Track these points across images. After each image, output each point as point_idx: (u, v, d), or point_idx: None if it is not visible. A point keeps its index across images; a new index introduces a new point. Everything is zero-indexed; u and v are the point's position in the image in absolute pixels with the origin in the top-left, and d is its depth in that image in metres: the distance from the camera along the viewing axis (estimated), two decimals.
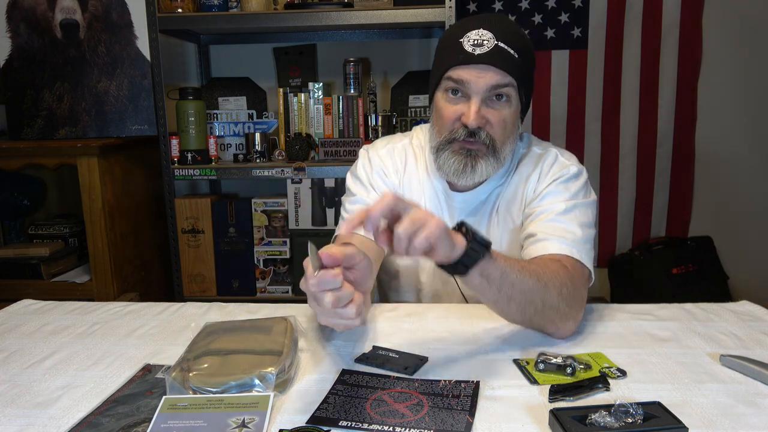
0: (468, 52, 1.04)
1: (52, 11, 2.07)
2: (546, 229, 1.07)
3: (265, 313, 1.11)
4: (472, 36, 1.04)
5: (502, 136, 1.08)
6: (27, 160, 2.02)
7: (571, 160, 1.18)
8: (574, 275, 0.99)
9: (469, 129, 1.05)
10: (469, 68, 1.04)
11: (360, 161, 1.27)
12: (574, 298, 0.96)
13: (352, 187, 1.26)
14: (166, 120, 2.11)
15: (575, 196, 1.13)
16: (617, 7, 2.54)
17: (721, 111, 2.63)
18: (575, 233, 1.06)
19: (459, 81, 1.05)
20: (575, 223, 1.08)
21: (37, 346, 0.99)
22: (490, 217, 1.19)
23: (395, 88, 2.38)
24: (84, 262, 2.18)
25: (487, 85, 1.04)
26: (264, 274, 2.28)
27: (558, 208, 1.10)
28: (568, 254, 1.02)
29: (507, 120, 1.07)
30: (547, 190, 1.14)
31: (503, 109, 1.07)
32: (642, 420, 0.69)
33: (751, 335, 0.99)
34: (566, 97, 2.61)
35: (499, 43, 1.03)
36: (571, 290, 0.96)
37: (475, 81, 1.04)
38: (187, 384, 0.78)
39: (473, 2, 2.55)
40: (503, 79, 1.04)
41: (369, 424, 0.72)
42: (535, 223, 1.10)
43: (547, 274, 0.95)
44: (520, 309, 0.94)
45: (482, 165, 1.08)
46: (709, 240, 2.71)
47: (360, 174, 1.25)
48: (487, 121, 1.06)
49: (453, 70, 1.06)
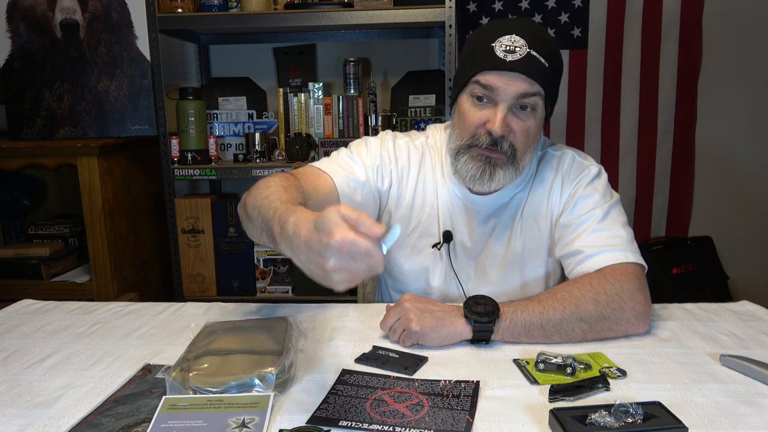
0: (499, 58, 1.02)
1: (52, 11, 2.07)
2: (594, 242, 1.07)
3: (265, 313, 1.11)
4: (504, 41, 1.02)
5: (524, 146, 1.07)
6: (27, 160, 2.02)
7: (589, 160, 1.19)
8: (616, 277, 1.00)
9: (493, 137, 1.04)
10: (500, 74, 1.02)
11: (378, 138, 1.24)
12: (619, 300, 0.97)
13: (357, 146, 1.22)
14: (166, 120, 2.11)
15: (605, 197, 1.13)
16: (617, 7, 2.53)
17: (721, 111, 2.63)
18: (622, 236, 1.08)
19: (487, 86, 1.03)
20: (618, 225, 1.09)
21: (37, 346, 0.99)
22: (513, 222, 1.18)
23: (395, 88, 2.38)
24: (84, 262, 2.18)
25: (516, 92, 1.02)
26: (264, 274, 2.28)
27: (596, 215, 1.10)
28: (623, 261, 1.03)
29: (531, 130, 1.06)
30: (577, 196, 1.13)
31: (528, 119, 1.05)
32: (642, 420, 0.69)
33: (751, 335, 0.99)
34: (566, 97, 2.61)
35: (531, 51, 1.02)
36: (612, 294, 0.97)
37: (504, 88, 1.02)
38: (187, 384, 0.78)
39: (473, 2, 2.55)
40: (532, 87, 1.02)
41: (369, 424, 0.72)
42: (580, 237, 1.09)
43: (575, 294, 0.97)
44: (566, 337, 0.96)
45: (500, 174, 1.07)
46: (709, 240, 2.71)
47: (372, 144, 1.21)
48: (511, 130, 1.05)
49: (482, 74, 1.04)
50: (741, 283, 2.69)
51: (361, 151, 1.20)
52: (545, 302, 0.97)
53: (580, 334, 0.96)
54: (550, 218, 1.17)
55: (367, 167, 1.19)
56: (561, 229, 1.14)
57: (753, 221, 2.70)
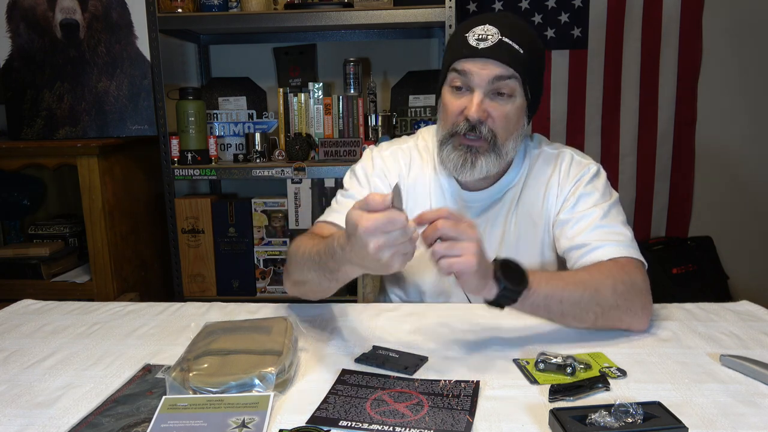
0: (472, 46, 1.06)
1: (52, 11, 2.07)
2: (596, 236, 1.08)
3: (265, 313, 1.11)
4: (477, 31, 1.07)
5: (504, 131, 1.09)
6: (27, 160, 2.02)
7: (588, 159, 1.20)
8: (630, 270, 1.02)
9: (471, 122, 1.06)
10: (473, 61, 1.06)
11: (362, 161, 1.28)
12: (632, 292, 0.99)
13: (348, 182, 1.27)
14: (166, 120, 2.11)
15: (605, 196, 1.15)
16: (617, 7, 2.53)
17: (721, 111, 2.62)
18: (624, 233, 1.09)
19: (462, 72, 1.06)
20: (619, 223, 1.11)
21: (37, 346, 0.99)
22: (507, 217, 1.19)
23: (395, 88, 2.38)
24: (84, 262, 2.18)
25: (489, 76, 1.05)
26: (264, 274, 2.28)
27: (597, 213, 1.11)
28: (626, 255, 1.05)
29: (510, 115, 1.08)
30: (576, 194, 1.14)
31: (506, 104, 1.07)
32: (642, 420, 0.69)
33: (751, 335, 0.99)
34: (566, 97, 2.61)
35: (503, 38, 1.05)
36: (628, 285, 0.99)
37: (477, 72, 1.05)
38: (187, 384, 0.78)
39: (473, 2, 2.55)
40: (505, 71, 1.05)
41: (369, 424, 0.72)
42: (582, 233, 1.10)
43: (596, 277, 0.98)
44: (578, 319, 0.97)
45: (482, 161, 1.09)
46: (709, 240, 2.71)
47: (358, 172, 1.26)
48: (489, 115, 1.07)
49: (458, 62, 1.07)
50: (741, 283, 2.69)
51: (353, 185, 1.25)
52: (567, 279, 0.98)
53: (591, 318, 0.97)
54: (546, 215, 1.18)
55: (363, 192, 1.21)
56: (560, 225, 1.15)
57: (753, 221, 2.70)
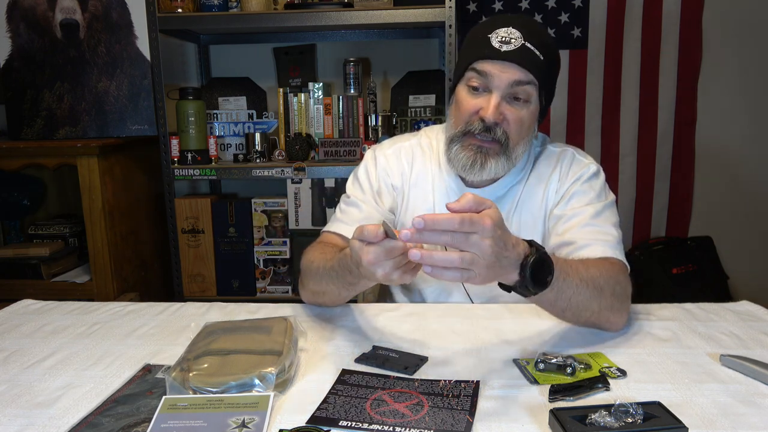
0: (495, 48, 1.05)
1: (52, 11, 2.07)
2: (585, 234, 1.08)
3: (265, 313, 1.11)
4: (500, 33, 1.06)
5: (517, 135, 1.09)
6: (27, 160, 2.01)
7: (589, 159, 1.20)
8: (619, 272, 1.03)
9: (486, 123, 1.06)
10: (495, 63, 1.05)
11: (364, 163, 1.28)
12: (623, 295, 1.00)
13: (350, 188, 1.27)
14: (166, 120, 2.11)
15: (600, 196, 1.15)
16: (617, 7, 2.53)
17: (721, 111, 2.62)
18: (613, 234, 1.09)
19: (482, 73, 1.06)
20: (609, 224, 1.11)
21: (37, 346, 0.99)
22: (509, 214, 1.20)
23: (395, 88, 2.38)
24: (84, 262, 2.18)
25: (510, 80, 1.05)
26: (264, 274, 2.28)
27: (589, 211, 1.11)
28: (612, 256, 1.05)
29: (524, 120, 1.08)
30: (572, 192, 1.15)
31: (522, 109, 1.08)
32: (642, 420, 0.69)
33: (751, 335, 0.99)
34: (566, 97, 2.61)
35: (526, 43, 1.05)
36: (620, 288, 0.99)
37: (498, 75, 1.05)
38: (187, 384, 0.78)
39: (473, 2, 2.55)
40: (525, 76, 1.05)
41: (369, 424, 0.72)
42: (572, 229, 1.10)
43: (603, 277, 0.97)
44: (575, 315, 0.97)
45: (492, 163, 1.09)
46: (709, 240, 2.71)
47: (361, 177, 1.26)
48: (504, 118, 1.07)
49: (478, 63, 1.07)
50: (741, 283, 2.69)
51: (355, 191, 1.25)
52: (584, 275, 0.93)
53: (586, 315, 0.97)
54: (544, 210, 1.18)
55: (366, 202, 1.22)
56: (553, 220, 1.15)
57: (753, 221, 2.70)
